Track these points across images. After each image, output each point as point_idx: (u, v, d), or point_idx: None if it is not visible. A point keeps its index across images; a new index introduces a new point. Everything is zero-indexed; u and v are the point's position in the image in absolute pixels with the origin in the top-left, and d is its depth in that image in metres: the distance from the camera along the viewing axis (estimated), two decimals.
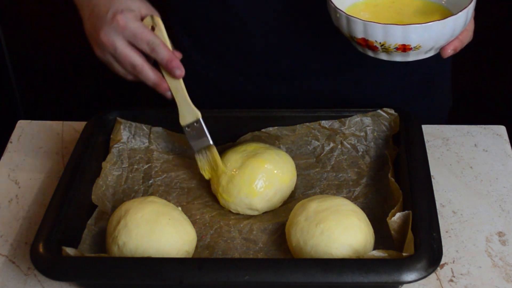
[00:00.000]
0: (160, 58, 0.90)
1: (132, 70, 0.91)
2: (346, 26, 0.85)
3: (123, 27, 0.89)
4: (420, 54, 0.86)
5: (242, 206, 0.93)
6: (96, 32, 0.91)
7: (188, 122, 0.95)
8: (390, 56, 0.86)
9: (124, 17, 0.89)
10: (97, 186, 0.94)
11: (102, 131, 1.00)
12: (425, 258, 0.77)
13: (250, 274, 0.77)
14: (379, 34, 0.83)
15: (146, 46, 0.89)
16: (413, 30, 0.82)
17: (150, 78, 0.91)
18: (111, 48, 0.90)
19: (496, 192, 0.96)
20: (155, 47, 0.89)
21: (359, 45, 0.87)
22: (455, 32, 0.85)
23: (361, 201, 0.94)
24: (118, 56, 0.90)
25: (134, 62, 0.90)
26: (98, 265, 0.79)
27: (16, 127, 1.11)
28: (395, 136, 0.99)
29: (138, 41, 0.89)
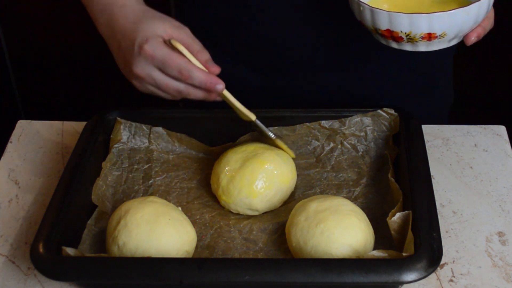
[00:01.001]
0: (198, 82, 0.89)
1: (179, 95, 0.91)
2: (370, 19, 0.86)
3: (152, 56, 0.87)
4: (444, 42, 0.86)
5: (242, 207, 0.93)
6: (129, 67, 0.90)
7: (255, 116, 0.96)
8: (414, 46, 0.87)
9: (150, 46, 0.87)
10: (97, 186, 0.94)
11: (102, 131, 1.00)
12: (425, 258, 0.77)
13: (250, 274, 0.77)
14: (404, 24, 0.83)
15: (177, 73, 0.88)
16: (438, 18, 0.82)
17: (198, 96, 0.91)
18: (150, 80, 0.89)
19: (496, 192, 0.96)
20: (188, 73, 0.88)
21: (383, 37, 0.87)
22: (478, 18, 0.85)
23: (361, 201, 0.94)
24: (160, 86, 0.90)
25: (178, 88, 0.89)
26: (98, 265, 0.79)
27: (16, 127, 1.11)
28: (395, 136, 0.99)
29: (168, 69, 0.88)
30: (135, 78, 0.90)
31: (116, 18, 0.92)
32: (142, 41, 0.88)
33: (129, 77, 0.92)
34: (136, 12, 0.92)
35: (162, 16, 0.92)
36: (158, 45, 0.88)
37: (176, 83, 0.89)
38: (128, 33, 0.90)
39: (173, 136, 1.02)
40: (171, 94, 0.91)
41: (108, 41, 0.95)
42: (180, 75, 0.88)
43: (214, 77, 0.90)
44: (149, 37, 0.88)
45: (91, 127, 0.99)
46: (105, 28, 0.94)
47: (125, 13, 0.92)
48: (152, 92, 0.92)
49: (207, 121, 1.02)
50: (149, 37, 0.88)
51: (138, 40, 0.88)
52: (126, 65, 0.91)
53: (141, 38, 0.88)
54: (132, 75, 0.91)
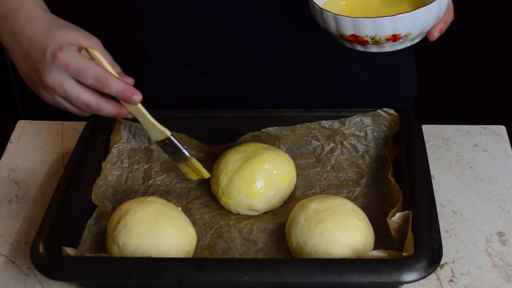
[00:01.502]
0: (115, 91, 0.85)
1: (88, 110, 0.86)
2: (334, 25, 0.86)
3: (66, 64, 0.82)
4: (409, 41, 0.87)
5: (242, 207, 0.93)
6: (38, 76, 0.84)
7: (158, 139, 0.93)
8: (380, 48, 0.88)
9: (64, 54, 0.83)
10: (97, 186, 0.94)
11: (102, 131, 1.00)
12: (425, 258, 0.77)
13: (250, 274, 0.77)
14: (369, 28, 0.84)
15: (94, 81, 0.84)
16: (402, 20, 0.83)
17: (109, 112, 0.87)
18: (60, 91, 0.84)
19: (496, 192, 0.96)
20: (105, 81, 0.84)
21: (349, 42, 0.88)
22: (440, 15, 0.86)
23: (361, 201, 0.94)
24: (70, 98, 0.85)
25: (88, 102, 0.85)
26: (98, 265, 0.79)
27: (16, 127, 1.11)
28: (395, 136, 0.99)
29: (84, 78, 0.84)
30: (44, 88, 0.85)
31: (22, 25, 0.87)
32: (55, 49, 0.83)
33: (37, 87, 0.87)
34: (45, 20, 0.88)
35: (72, 26, 0.89)
36: (73, 53, 0.83)
37: (86, 96, 0.85)
38: (38, 40, 0.85)
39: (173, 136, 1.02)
40: (79, 107, 0.86)
41: (10, 49, 0.88)
42: (97, 83, 0.84)
43: (131, 87, 0.86)
44: (63, 45, 0.83)
45: (91, 127, 0.99)
46: (8, 35, 0.88)
47: (32, 19, 0.87)
48: (60, 105, 0.87)
49: (207, 121, 1.02)
50: (62, 45, 0.83)
51: (51, 48, 0.83)
52: (35, 74, 0.85)
53: (54, 46, 0.83)
54: (41, 85, 0.86)
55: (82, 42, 0.86)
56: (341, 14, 0.85)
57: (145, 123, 0.92)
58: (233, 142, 1.01)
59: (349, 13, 0.87)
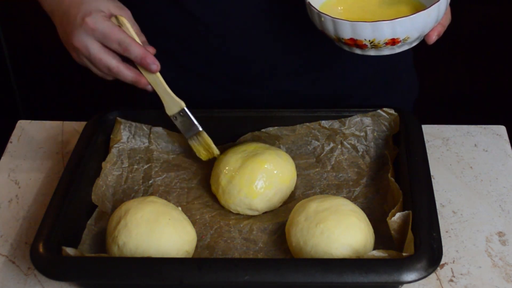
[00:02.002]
0: (134, 56, 0.91)
1: (109, 72, 0.92)
2: (333, 29, 0.85)
3: (92, 29, 0.89)
4: (407, 45, 0.87)
5: (242, 207, 0.93)
6: (68, 37, 0.91)
7: (174, 112, 0.97)
8: (378, 51, 0.88)
9: (92, 19, 0.89)
10: (97, 186, 0.94)
11: (102, 131, 1.00)
12: (425, 258, 0.77)
13: (250, 274, 0.77)
14: (368, 32, 0.84)
15: (117, 45, 0.90)
16: (401, 24, 0.83)
17: (127, 77, 0.93)
18: (85, 52, 0.91)
19: (496, 192, 0.96)
20: (127, 46, 0.90)
21: (346, 45, 0.87)
22: (438, 18, 0.86)
23: (361, 201, 0.94)
24: (93, 60, 0.91)
25: (109, 64, 0.91)
26: (98, 265, 0.79)
27: (16, 127, 1.11)
28: (395, 136, 0.99)
29: (108, 42, 0.90)
30: (73, 49, 0.92)
31: None
32: (85, 13, 0.90)
33: (68, 48, 0.93)
34: None
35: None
36: (100, 19, 0.90)
37: (108, 59, 0.91)
38: (74, 5, 0.92)
39: (173, 136, 1.02)
40: (101, 69, 0.92)
41: (51, 14, 0.97)
42: (119, 47, 0.90)
43: (151, 55, 0.92)
44: (92, 11, 0.90)
45: (91, 127, 0.99)
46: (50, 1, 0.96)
47: None
48: (85, 65, 0.93)
49: (207, 121, 1.02)
50: (92, 11, 0.90)
51: (81, 13, 0.90)
52: (67, 36, 0.92)
53: (84, 11, 0.90)
54: (70, 46, 0.92)
55: (113, 10, 0.93)
56: (339, 17, 0.84)
57: (162, 93, 0.96)
58: (233, 142, 1.01)
59: (347, 16, 0.86)
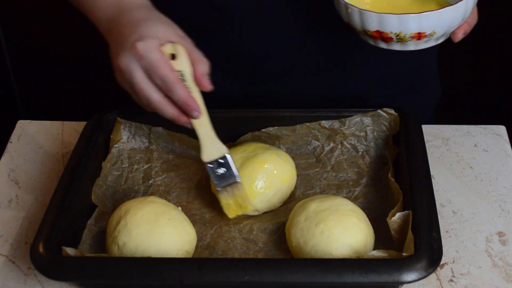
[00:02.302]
0: (176, 99, 0.85)
1: (148, 105, 0.86)
2: (359, 20, 0.86)
3: (141, 56, 0.83)
4: (433, 40, 0.87)
5: None
6: (115, 57, 0.87)
7: (212, 158, 0.90)
8: (404, 46, 0.87)
9: (143, 45, 0.84)
10: (97, 186, 0.94)
11: (102, 131, 1.00)
12: (425, 258, 0.77)
13: (250, 274, 0.77)
14: (394, 25, 0.84)
15: (161, 82, 0.84)
16: (428, 18, 0.83)
17: (168, 114, 0.86)
18: (127, 76, 0.85)
19: (496, 192, 0.96)
20: (170, 86, 0.84)
21: (372, 38, 0.87)
22: (465, 15, 0.86)
23: (361, 201, 0.94)
24: (135, 88, 0.86)
25: (149, 97, 0.85)
26: (98, 265, 0.79)
27: (16, 127, 1.11)
28: (395, 136, 0.99)
29: (153, 75, 0.84)
30: (117, 70, 0.87)
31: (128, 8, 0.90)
32: (138, 38, 0.85)
33: (114, 67, 0.88)
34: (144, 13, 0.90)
35: (169, 22, 0.90)
36: (152, 48, 0.84)
37: (151, 92, 0.85)
38: (130, 25, 0.87)
39: (173, 136, 1.02)
40: (140, 100, 0.87)
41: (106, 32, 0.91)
42: (163, 85, 0.84)
43: (193, 101, 0.86)
44: (146, 37, 0.85)
45: (91, 127, 0.99)
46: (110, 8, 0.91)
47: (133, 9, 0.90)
48: (126, 89, 0.88)
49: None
50: (146, 37, 0.85)
51: (135, 36, 0.85)
52: (115, 55, 0.87)
53: (139, 35, 0.85)
54: (115, 66, 0.87)
55: (172, 38, 0.87)
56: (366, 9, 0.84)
57: (204, 136, 0.89)
58: (233, 142, 1.01)
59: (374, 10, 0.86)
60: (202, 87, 0.87)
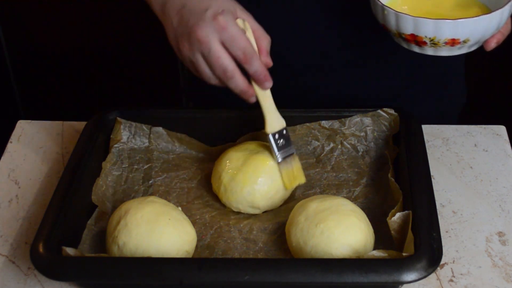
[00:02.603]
0: (253, 70, 0.88)
1: (222, 74, 0.88)
2: (395, 23, 0.86)
3: (223, 28, 0.86)
4: (466, 48, 0.88)
5: (244, 204, 0.93)
6: (190, 28, 0.87)
7: (275, 130, 0.93)
8: (437, 51, 0.88)
9: (225, 19, 0.86)
10: (97, 186, 0.94)
11: (102, 131, 1.00)
12: (425, 258, 0.77)
13: (250, 274, 0.77)
14: (429, 29, 0.84)
15: (241, 54, 0.87)
16: (463, 24, 0.83)
17: (239, 85, 0.89)
18: (204, 47, 0.86)
19: (496, 192, 0.96)
20: (250, 58, 0.87)
21: (406, 41, 0.88)
22: (500, 25, 0.87)
23: (361, 201, 0.94)
24: (211, 57, 0.87)
25: (226, 66, 0.87)
26: (98, 265, 0.79)
27: (16, 127, 1.11)
28: (395, 136, 0.99)
29: (234, 47, 0.86)
30: (190, 40, 0.87)
31: None
32: (217, 11, 0.86)
33: (182, 39, 0.88)
34: None
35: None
36: (232, 21, 0.87)
37: (227, 61, 0.87)
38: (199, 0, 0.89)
39: (173, 136, 1.02)
40: (215, 69, 0.88)
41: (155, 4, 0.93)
42: (243, 56, 0.87)
43: (267, 73, 0.89)
44: (225, 10, 0.87)
45: (91, 127, 0.99)
46: None
47: None
48: (195, 62, 0.89)
49: (207, 121, 1.02)
50: (224, 10, 0.87)
51: (214, 9, 0.87)
52: (184, 26, 0.88)
53: (217, 7, 0.87)
54: (187, 37, 0.87)
55: (239, 13, 0.90)
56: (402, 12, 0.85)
57: (268, 109, 0.92)
58: (233, 142, 1.01)
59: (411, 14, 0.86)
60: (264, 62, 0.90)
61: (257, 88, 0.90)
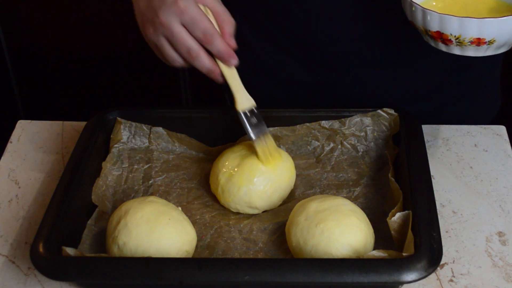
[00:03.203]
0: (216, 49, 0.90)
1: (187, 55, 0.90)
2: (422, 19, 0.86)
3: (182, 11, 0.88)
4: (493, 49, 0.87)
5: (241, 205, 0.93)
6: (153, 12, 0.90)
7: (245, 107, 0.94)
8: (463, 50, 0.87)
9: (184, 2, 0.89)
10: (97, 186, 0.94)
11: (102, 131, 1.00)
12: (425, 258, 0.77)
13: (250, 274, 0.77)
14: (454, 27, 0.84)
15: (201, 35, 0.89)
16: (489, 24, 0.83)
17: (205, 64, 0.91)
18: (167, 30, 0.89)
19: (496, 192, 0.96)
20: (211, 38, 0.89)
21: (432, 39, 0.88)
22: None
23: (361, 201, 0.94)
24: (175, 39, 0.90)
25: (190, 46, 0.90)
26: (98, 265, 0.79)
27: (16, 127, 1.11)
28: (395, 136, 0.99)
29: (194, 28, 0.89)
30: (154, 24, 0.91)
31: None
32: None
33: (146, 23, 0.92)
34: None
35: None
36: (191, 4, 0.89)
37: (191, 42, 0.90)
38: None
39: (173, 136, 1.02)
40: (179, 50, 0.91)
41: None
42: (204, 37, 0.89)
43: (231, 51, 0.91)
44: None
45: (91, 127, 0.99)
46: None
47: None
48: (158, 45, 0.92)
49: (207, 121, 1.02)
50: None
51: None
52: (150, 10, 0.91)
53: None
54: (152, 21, 0.91)
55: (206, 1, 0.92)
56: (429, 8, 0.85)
57: (237, 87, 0.94)
58: (233, 142, 1.01)
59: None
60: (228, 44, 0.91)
61: (224, 67, 0.92)
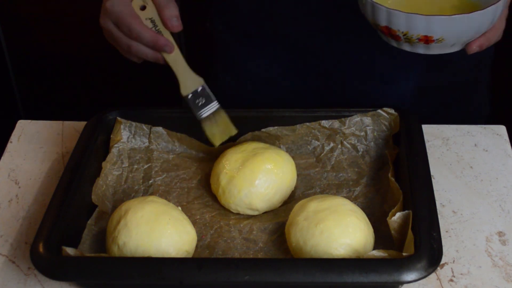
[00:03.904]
0: (145, 41, 0.92)
1: (131, 50, 0.93)
2: (371, 13, 0.84)
3: (108, 11, 0.92)
4: (444, 47, 0.84)
5: (242, 206, 0.93)
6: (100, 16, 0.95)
7: (190, 90, 0.94)
8: (413, 48, 0.85)
9: (110, 2, 0.92)
10: (97, 186, 0.94)
11: (102, 131, 1.00)
12: (425, 258, 0.77)
13: (250, 274, 0.77)
14: (402, 23, 0.81)
15: (127, 30, 0.92)
16: (436, 22, 0.80)
17: (147, 55, 0.93)
18: (107, 32, 0.94)
19: (496, 192, 0.96)
20: (137, 33, 0.91)
21: (383, 34, 0.86)
22: (480, 28, 0.83)
23: (361, 201, 0.94)
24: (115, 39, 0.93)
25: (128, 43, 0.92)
26: (98, 265, 0.79)
27: (16, 127, 1.11)
28: (395, 136, 0.99)
29: (120, 26, 0.92)
30: (102, 28, 0.95)
31: None
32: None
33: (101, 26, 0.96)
34: None
35: None
36: (117, 3, 0.92)
37: (126, 39, 0.93)
38: None
39: (173, 136, 1.02)
40: (123, 48, 0.94)
41: None
42: (130, 32, 0.92)
43: (162, 38, 0.92)
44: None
45: (91, 127, 0.99)
46: None
47: None
48: (112, 43, 0.96)
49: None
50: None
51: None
52: None
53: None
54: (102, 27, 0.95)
55: None
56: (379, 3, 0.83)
57: (180, 71, 0.94)
58: (233, 142, 1.01)
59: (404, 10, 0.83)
60: (169, 28, 0.93)
61: (165, 54, 0.93)
